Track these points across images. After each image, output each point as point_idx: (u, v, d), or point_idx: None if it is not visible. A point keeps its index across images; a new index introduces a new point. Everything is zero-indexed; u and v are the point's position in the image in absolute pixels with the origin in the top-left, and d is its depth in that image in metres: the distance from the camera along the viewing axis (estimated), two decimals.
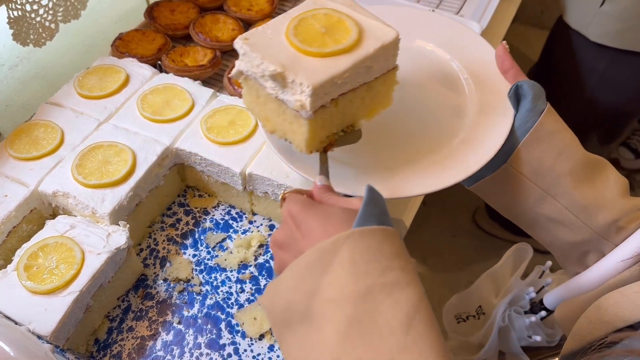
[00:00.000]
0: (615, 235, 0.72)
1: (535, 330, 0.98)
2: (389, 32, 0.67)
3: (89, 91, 0.98)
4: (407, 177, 0.71)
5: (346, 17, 0.68)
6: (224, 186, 0.93)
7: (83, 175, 0.85)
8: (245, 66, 0.68)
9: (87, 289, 0.76)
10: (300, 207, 0.54)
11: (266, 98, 0.69)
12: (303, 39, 0.65)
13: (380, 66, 0.69)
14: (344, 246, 0.48)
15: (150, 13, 1.21)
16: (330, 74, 0.62)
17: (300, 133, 0.67)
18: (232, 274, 0.88)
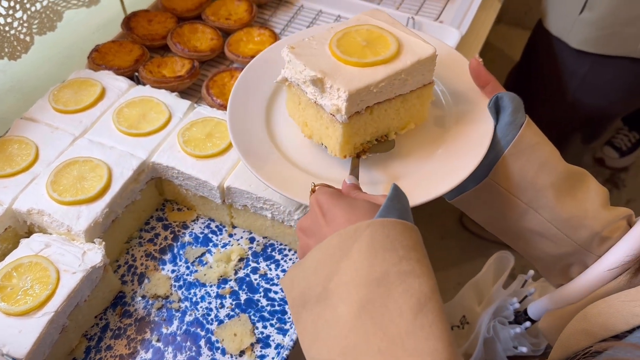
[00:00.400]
0: (598, 247, 0.72)
1: (520, 340, 0.97)
2: (427, 48, 0.71)
3: (64, 105, 0.96)
4: (409, 187, 0.72)
5: (387, 33, 0.73)
6: (202, 199, 0.92)
7: (58, 192, 0.84)
8: (289, 73, 0.74)
9: (62, 309, 0.74)
10: (327, 196, 0.58)
11: (306, 104, 0.74)
12: (344, 50, 0.70)
13: (415, 80, 0.72)
14: (364, 233, 0.50)
15: (127, 24, 1.20)
16: (367, 82, 0.67)
17: (335, 137, 0.72)
18: (211, 289, 0.87)
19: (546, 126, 1.61)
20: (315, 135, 0.77)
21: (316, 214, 0.57)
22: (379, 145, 0.77)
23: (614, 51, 1.36)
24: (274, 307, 0.85)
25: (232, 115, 0.81)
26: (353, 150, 0.74)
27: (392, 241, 0.50)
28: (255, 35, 1.19)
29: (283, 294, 0.86)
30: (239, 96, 0.84)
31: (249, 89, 0.85)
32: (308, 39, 0.73)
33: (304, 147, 0.79)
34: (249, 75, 0.87)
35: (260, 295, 0.86)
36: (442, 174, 0.73)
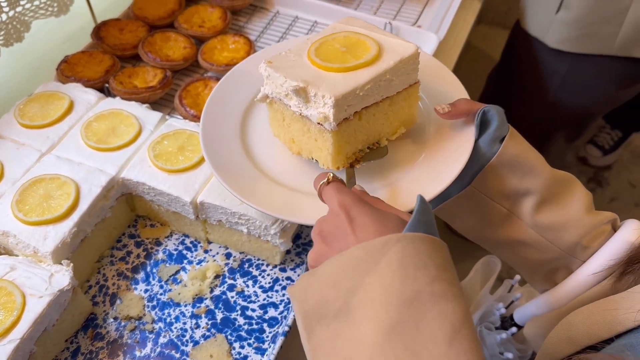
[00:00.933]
0: (582, 252, 0.72)
1: (507, 346, 0.97)
2: (408, 47, 0.70)
3: (30, 120, 0.93)
4: (402, 192, 0.71)
5: (365, 37, 0.72)
6: (175, 215, 0.89)
7: (23, 212, 0.80)
8: (269, 89, 0.72)
9: (29, 336, 0.71)
10: (354, 200, 0.54)
11: (291, 118, 0.72)
12: (324, 57, 0.69)
13: (401, 80, 0.71)
14: (394, 248, 0.47)
15: (97, 33, 1.16)
16: (352, 86, 0.65)
17: (325, 148, 0.70)
18: (186, 308, 0.84)
19: (528, 126, 1.60)
20: (305, 150, 0.74)
21: (341, 219, 0.53)
22: (371, 153, 0.75)
23: (591, 50, 1.35)
24: (251, 325, 0.82)
25: (205, 133, 0.78)
26: (346, 161, 0.72)
27: (423, 259, 0.47)
28: (229, 43, 1.16)
29: (261, 312, 0.83)
30: (211, 113, 0.81)
31: (222, 105, 0.83)
32: (285, 52, 0.71)
33: (283, 162, 0.77)
34: (221, 92, 0.84)
35: (237, 314, 0.83)
36: (430, 177, 0.72)
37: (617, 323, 0.55)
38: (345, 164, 0.72)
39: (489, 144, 0.71)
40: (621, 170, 2.43)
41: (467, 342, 0.44)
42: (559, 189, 0.72)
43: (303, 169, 0.76)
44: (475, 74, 2.38)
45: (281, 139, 0.78)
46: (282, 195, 0.71)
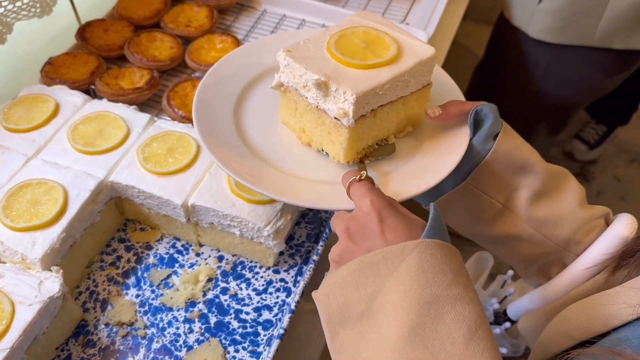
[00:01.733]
0: (576, 246, 0.72)
1: (500, 341, 0.97)
2: (426, 49, 0.70)
3: (14, 124, 0.91)
4: (398, 182, 0.71)
5: (384, 35, 0.72)
6: (166, 218, 0.88)
7: (10, 218, 0.79)
8: (286, 77, 0.71)
9: (18, 345, 0.69)
10: (385, 202, 0.55)
11: (305, 109, 0.72)
12: (344, 51, 0.69)
13: (416, 81, 0.71)
14: (413, 253, 0.49)
15: (82, 34, 1.15)
16: (373, 84, 0.65)
17: (339, 142, 0.70)
18: (179, 313, 0.82)
19: (511, 118, 1.61)
20: (315, 141, 0.74)
21: (371, 219, 0.54)
22: (380, 149, 0.75)
23: (572, 41, 1.37)
24: (245, 329, 0.81)
25: (200, 120, 0.75)
26: (356, 156, 0.72)
27: (440, 264, 0.49)
28: (217, 42, 1.15)
29: (255, 315, 0.82)
30: (204, 103, 0.78)
31: (214, 94, 0.79)
32: (303, 41, 0.70)
33: (284, 151, 0.76)
34: (211, 81, 0.81)
35: (231, 317, 0.82)
36: (424, 171, 0.71)
37: (613, 317, 0.56)
38: (356, 159, 0.72)
39: (483, 142, 0.71)
40: (606, 165, 2.45)
41: (483, 342, 0.46)
42: (553, 183, 0.72)
43: (303, 157, 0.75)
44: (460, 70, 2.38)
45: (290, 127, 0.77)
46: (292, 182, 0.71)
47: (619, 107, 2.29)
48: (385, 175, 0.71)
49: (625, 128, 2.43)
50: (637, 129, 2.56)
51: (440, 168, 0.71)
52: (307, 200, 0.67)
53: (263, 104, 0.80)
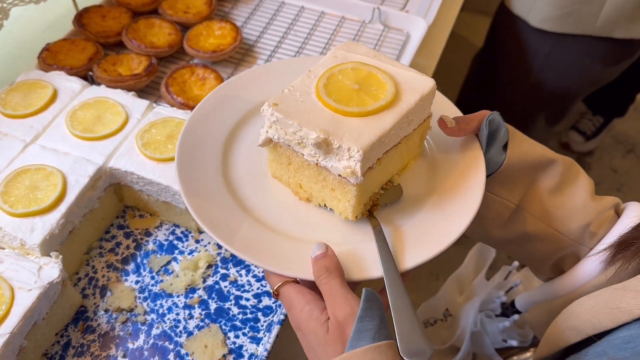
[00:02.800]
0: (590, 239, 0.71)
1: (510, 333, 0.96)
2: (425, 82, 0.65)
3: (12, 110, 0.90)
4: (412, 239, 0.64)
5: (376, 70, 0.66)
6: (165, 205, 0.87)
7: (9, 203, 0.78)
8: (276, 134, 0.64)
9: (18, 330, 0.69)
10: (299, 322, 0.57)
11: (300, 165, 0.65)
12: (338, 97, 0.62)
13: (418, 117, 0.66)
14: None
15: (79, 20, 1.14)
16: (378, 134, 0.59)
17: (345, 200, 0.63)
18: (179, 299, 0.82)
19: (510, 108, 1.60)
20: (316, 198, 0.67)
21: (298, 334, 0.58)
22: (387, 195, 0.68)
23: (573, 29, 1.36)
24: (245, 315, 0.81)
25: (183, 176, 0.67)
26: (364, 208, 0.66)
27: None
28: (215, 29, 1.14)
29: (255, 301, 0.82)
30: (186, 154, 0.70)
31: (198, 144, 0.72)
32: (288, 89, 0.64)
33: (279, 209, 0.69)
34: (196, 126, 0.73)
35: (231, 304, 0.82)
36: (440, 223, 0.65)
37: (621, 312, 0.55)
38: (365, 212, 0.66)
39: (498, 152, 0.70)
40: (603, 156, 2.46)
41: None
42: (566, 177, 0.71)
43: (299, 213, 0.69)
44: (458, 61, 2.37)
45: (283, 182, 0.70)
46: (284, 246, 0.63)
47: (615, 98, 2.29)
48: (397, 230, 0.65)
49: (621, 119, 2.43)
50: (634, 120, 2.57)
51: (458, 219, 0.64)
52: None
53: (251, 154, 0.73)
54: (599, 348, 0.56)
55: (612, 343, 0.55)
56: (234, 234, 0.63)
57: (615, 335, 0.55)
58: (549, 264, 0.76)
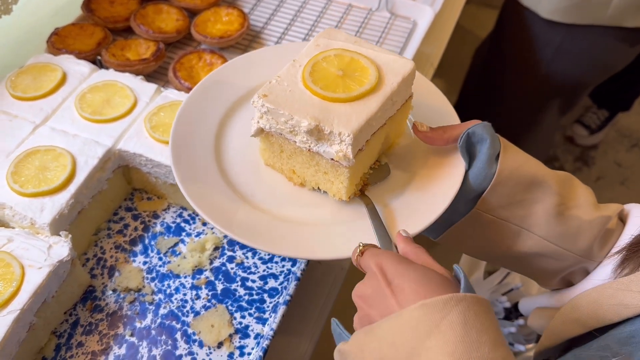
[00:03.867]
0: (598, 253, 0.69)
1: (516, 338, 0.96)
2: (405, 64, 0.68)
3: (22, 92, 0.91)
4: (390, 225, 0.67)
5: (358, 56, 0.68)
6: (173, 187, 0.88)
7: (19, 183, 0.79)
8: (267, 124, 0.66)
9: (28, 307, 0.70)
10: (392, 261, 0.53)
11: (293, 152, 0.68)
12: (324, 85, 0.65)
13: (401, 98, 0.69)
14: (456, 308, 0.46)
15: (87, 5, 1.14)
16: (365, 117, 0.62)
17: (339, 182, 0.67)
18: (186, 280, 0.83)
19: (521, 99, 1.59)
20: (310, 182, 0.71)
21: (378, 282, 0.52)
22: (376, 174, 0.72)
23: (583, 20, 1.36)
24: (252, 296, 0.82)
25: (177, 160, 0.71)
26: (356, 189, 0.69)
27: (483, 321, 0.46)
28: (223, 15, 1.15)
29: (261, 282, 0.83)
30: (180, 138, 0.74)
31: (192, 127, 0.76)
32: (275, 80, 0.66)
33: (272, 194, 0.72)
34: (190, 110, 0.77)
35: (237, 285, 0.83)
36: (425, 201, 0.69)
37: (624, 306, 0.55)
38: (356, 192, 0.70)
39: (486, 165, 0.68)
40: (607, 150, 2.45)
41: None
42: (566, 191, 0.69)
43: (293, 196, 0.72)
44: (464, 54, 2.37)
45: (276, 169, 0.73)
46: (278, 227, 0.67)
47: (620, 92, 2.29)
48: (387, 207, 0.69)
49: (626, 113, 2.43)
50: (639, 115, 2.57)
51: (442, 194, 0.68)
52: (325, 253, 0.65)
53: (243, 142, 0.76)
54: (602, 342, 0.55)
55: (617, 337, 0.54)
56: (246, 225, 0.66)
57: (619, 329, 0.55)
58: (557, 279, 0.74)
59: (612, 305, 0.57)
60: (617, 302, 0.56)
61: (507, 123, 1.49)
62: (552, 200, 0.68)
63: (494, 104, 1.71)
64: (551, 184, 0.68)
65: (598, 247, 0.69)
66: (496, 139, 0.68)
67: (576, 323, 0.61)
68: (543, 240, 0.69)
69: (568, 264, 0.70)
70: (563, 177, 0.71)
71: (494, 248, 0.73)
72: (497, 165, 0.67)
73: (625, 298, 0.56)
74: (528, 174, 0.68)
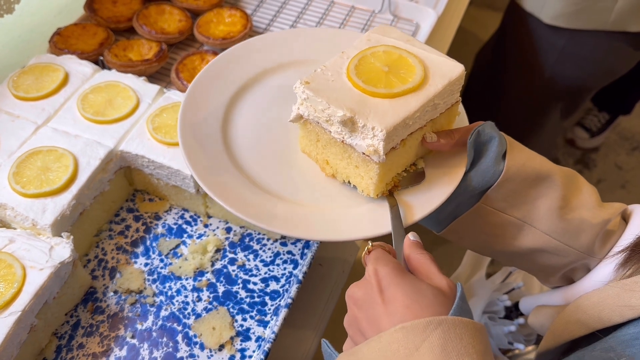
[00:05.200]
0: (600, 250, 0.70)
1: (515, 337, 0.96)
2: (454, 67, 0.66)
3: (24, 92, 0.91)
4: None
5: (407, 54, 0.67)
6: (175, 189, 0.88)
7: (21, 184, 0.79)
8: (306, 110, 0.66)
9: (30, 308, 0.70)
10: (389, 271, 0.52)
11: (328, 141, 0.68)
12: (367, 78, 0.64)
13: (445, 102, 0.67)
14: (436, 332, 0.45)
15: (90, 5, 1.14)
16: (402, 116, 0.61)
17: (368, 177, 0.66)
18: (187, 282, 0.83)
19: (524, 102, 1.58)
20: (341, 174, 0.70)
21: (372, 287, 0.52)
22: (409, 177, 0.70)
23: (587, 25, 1.35)
24: (253, 298, 0.82)
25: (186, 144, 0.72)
26: (385, 188, 0.68)
27: (465, 345, 0.45)
28: (225, 17, 1.15)
29: (263, 285, 0.83)
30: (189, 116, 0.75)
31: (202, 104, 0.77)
32: (321, 69, 0.66)
33: (274, 172, 0.72)
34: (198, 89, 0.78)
35: (238, 287, 0.83)
36: (426, 193, 0.69)
37: (630, 308, 0.55)
38: (385, 192, 0.68)
39: (494, 163, 0.68)
40: (608, 153, 2.45)
41: None
42: (569, 188, 0.70)
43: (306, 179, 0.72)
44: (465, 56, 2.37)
45: (312, 157, 0.73)
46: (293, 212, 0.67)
47: (621, 95, 2.29)
48: (412, 212, 0.68)
49: (627, 117, 2.43)
50: None
51: (440, 190, 0.68)
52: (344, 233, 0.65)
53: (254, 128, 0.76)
54: (606, 344, 0.55)
55: (621, 339, 0.54)
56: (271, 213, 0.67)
57: (623, 331, 0.55)
58: (558, 275, 0.74)
59: (616, 306, 0.56)
60: (622, 303, 0.56)
61: (510, 126, 1.48)
62: (556, 194, 0.68)
63: (496, 106, 1.71)
64: (556, 178, 0.69)
65: (600, 244, 0.69)
66: (502, 137, 0.69)
67: (579, 324, 0.61)
68: (545, 235, 0.70)
69: (570, 260, 0.71)
70: (568, 173, 0.71)
71: (497, 243, 0.74)
72: (504, 163, 0.68)
73: (631, 299, 0.56)
74: (534, 169, 0.68)
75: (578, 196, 0.70)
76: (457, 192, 0.69)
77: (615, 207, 0.71)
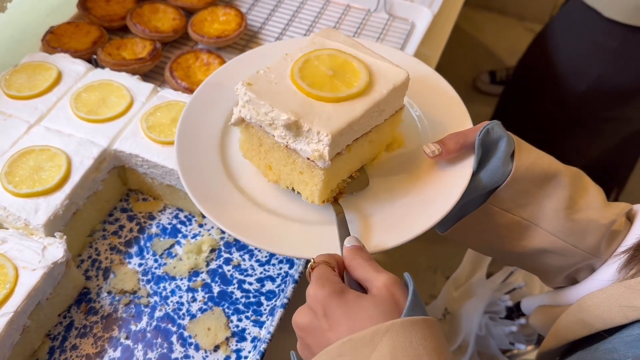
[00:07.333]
0: (605, 250, 0.69)
1: (516, 338, 0.96)
2: (399, 73, 0.66)
3: (17, 91, 0.90)
4: (380, 227, 0.66)
5: (352, 58, 0.66)
6: (169, 188, 0.87)
7: (13, 184, 0.78)
8: (248, 113, 0.65)
9: (22, 309, 0.69)
10: (327, 292, 0.50)
11: (271, 146, 0.66)
12: (311, 82, 0.63)
13: (390, 108, 0.67)
14: (383, 340, 0.45)
15: (83, 4, 1.13)
16: (347, 120, 0.60)
17: (312, 183, 0.64)
18: (182, 282, 0.82)
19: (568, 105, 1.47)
20: (284, 180, 0.68)
21: (316, 313, 0.50)
22: (353, 183, 0.70)
23: None
24: (249, 299, 0.81)
25: (182, 157, 0.71)
26: (331, 195, 0.67)
27: (415, 347, 0.45)
28: (220, 15, 1.14)
29: (258, 285, 0.82)
30: (186, 134, 0.74)
31: (198, 123, 0.75)
32: (263, 70, 0.65)
33: (267, 187, 0.71)
34: (196, 107, 0.76)
35: (234, 287, 0.82)
36: (416, 213, 0.66)
37: (634, 308, 0.55)
38: (330, 198, 0.67)
39: (503, 163, 0.67)
40: None
41: None
42: (576, 188, 0.69)
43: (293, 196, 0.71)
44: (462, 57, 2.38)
45: (254, 162, 0.71)
46: (276, 224, 0.66)
47: None
48: (365, 218, 0.67)
49: None
50: None
51: (431, 213, 0.65)
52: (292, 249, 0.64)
53: None
54: (609, 345, 0.55)
55: (624, 340, 0.54)
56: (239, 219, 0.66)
57: (627, 332, 0.54)
58: (562, 276, 0.74)
59: (620, 307, 0.56)
60: (625, 304, 0.56)
61: (547, 132, 1.44)
62: (563, 195, 0.68)
63: (535, 114, 1.64)
64: (563, 178, 0.68)
65: (605, 245, 0.68)
66: (510, 136, 0.68)
67: (582, 324, 0.61)
68: (551, 236, 0.69)
69: (575, 261, 0.70)
70: (575, 173, 0.70)
71: (502, 243, 0.73)
72: (512, 163, 0.67)
73: (634, 300, 0.55)
74: (542, 169, 0.67)
75: (585, 196, 0.69)
76: (465, 192, 0.68)
77: (620, 207, 0.70)
